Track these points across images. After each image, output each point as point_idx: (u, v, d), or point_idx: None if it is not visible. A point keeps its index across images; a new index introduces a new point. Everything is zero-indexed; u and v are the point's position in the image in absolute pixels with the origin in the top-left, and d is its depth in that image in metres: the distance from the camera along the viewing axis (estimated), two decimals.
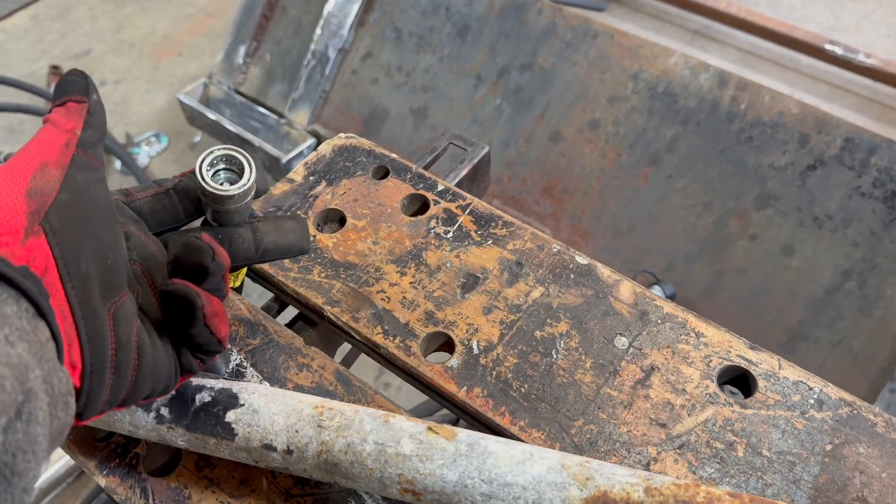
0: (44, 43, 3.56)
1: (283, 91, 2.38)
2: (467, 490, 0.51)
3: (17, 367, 0.38)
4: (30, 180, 0.46)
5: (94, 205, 0.49)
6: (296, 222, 0.62)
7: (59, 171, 0.47)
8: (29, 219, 0.44)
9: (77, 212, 0.47)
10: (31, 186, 0.45)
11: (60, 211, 0.46)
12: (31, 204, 0.45)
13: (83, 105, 0.51)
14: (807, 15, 3.26)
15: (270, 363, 0.68)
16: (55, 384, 0.41)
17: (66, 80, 0.53)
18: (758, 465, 0.58)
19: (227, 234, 0.58)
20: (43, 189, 0.46)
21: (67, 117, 0.50)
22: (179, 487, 0.61)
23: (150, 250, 0.54)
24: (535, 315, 0.69)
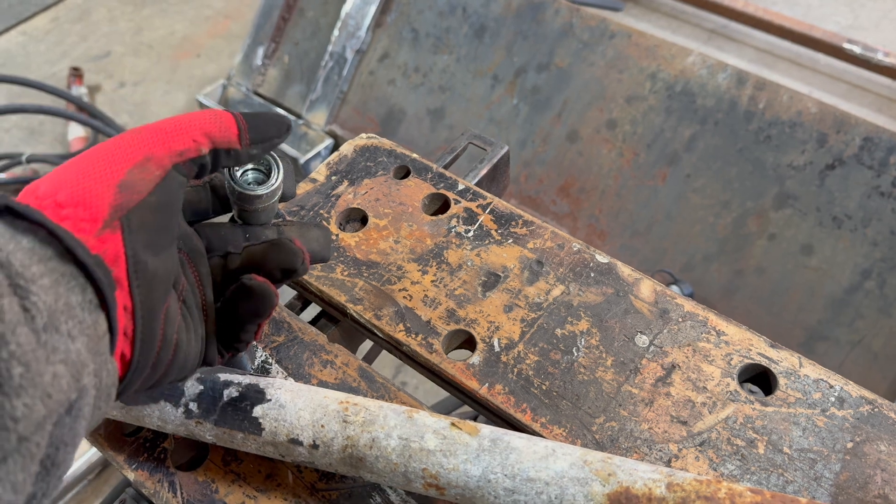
0: (64, 45, 3.60)
1: (301, 92, 2.40)
2: (490, 485, 0.52)
3: (74, 364, 0.39)
4: (127, 172, 0.46)
5: (173, 211, 0.49)
6: (320, 231, 0.62)
7: (159, 172, 0.48)
8: (111, 211, 0.44)
9: (159, 215, 0.47)
10: (126, 179, 0.46)
11: (144, 210, 0.46)
12: (118, 197, 0.45)
13: (234, 141, 0.52)
14: (825, 14, 3.24)
15: (295, 360, 0.69)
16: (104, 377, 0.42)
17: (268, 119, 0.54)
18: (779, 462, 0.59)
19: (255, 235, 0.59)
20: (136, 185, 0.46)
21: (210, 130, 0.51)
22: (207, 481, 0.62)
23: (194, 241, 0.55)
24: (555, 313, 0.70)
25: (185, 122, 0.51)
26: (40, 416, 0.36)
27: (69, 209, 0.43)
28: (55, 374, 0.37)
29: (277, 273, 0.55)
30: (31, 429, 0.35)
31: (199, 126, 0.51)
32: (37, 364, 0.36)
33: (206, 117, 0.52)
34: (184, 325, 0.51)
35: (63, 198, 0.44)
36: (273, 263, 0.55)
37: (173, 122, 0.50)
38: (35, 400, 0.35)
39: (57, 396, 0.37)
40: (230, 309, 0.54)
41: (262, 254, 0.55)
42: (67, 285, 0.41)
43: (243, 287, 0.53)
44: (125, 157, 0.47)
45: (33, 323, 0.37)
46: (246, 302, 0.54)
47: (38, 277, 0.38)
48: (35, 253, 0.40)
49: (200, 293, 0.55)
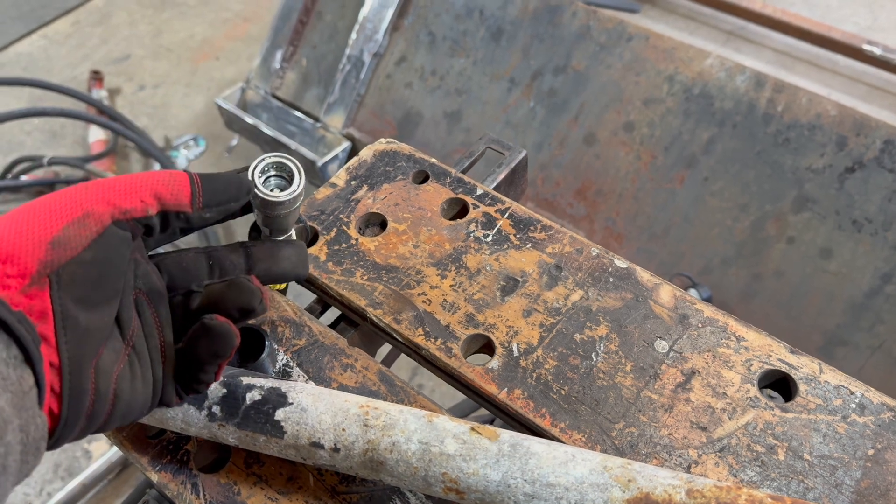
0: (85, 48, 3.64)
1: (319, 95, 2.41)
2: (510, 490, 0.52)
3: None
4: (62, 228, 0.46)
5: (110, 267, 0.49)
6: (293, 248, 0.61)
7: (97, 228, 0.48)
8: (40, 268, 0.45)
9: (94, 271, 0.48)
10: (60, 236, 0.46)
11: (77, 266, 0.47)
12: (49, 254, 0.45)
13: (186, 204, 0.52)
14: (844, 15, 3.22)
15: (316, 363, 0.70)
16: (31, 431, 0.42)
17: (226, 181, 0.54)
18: (799, 468, 0.58)
19: (219, 262, 0.58)
20: (70, 242, 0.46)
21: (159, 192, 0.51)
22: (229, 484, 0.63)
23: (153, 281, 0.54)
24: (574, 318, 0.70)
25: (135, 182, 0.51)
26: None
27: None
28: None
29: (235, 313, 0.54)
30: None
31: (150, 186, 0.51)
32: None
33: (160, 178, 0.52)
34: (128, 374, 0.51)
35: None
36: (230, 303, 0.54)
37: (124, 180, 0.51)
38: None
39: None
40: (190, 350, 0.54)
41: (219, 293, 0.54)
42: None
43: (203, 326, 0.52)
44: (63, 214, 0.47)
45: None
46: (206, 342, 0.52)
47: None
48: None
49: (159, 335, 0.54)
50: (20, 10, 3.86)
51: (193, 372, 0.54)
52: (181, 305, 0.56)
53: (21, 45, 3.70)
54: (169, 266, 0.56)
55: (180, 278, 0.56)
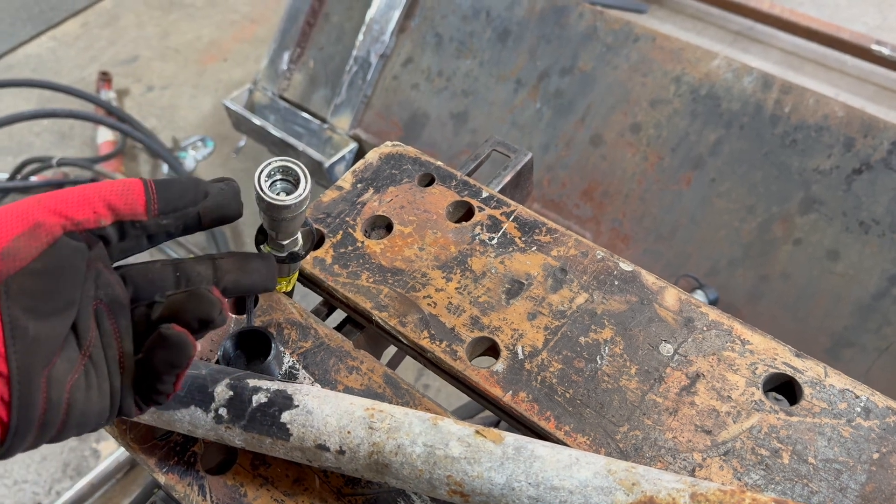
0: (93, 49, 3.65)
1: (326, 96, 2.42)
2: (514, 493, 0.52)
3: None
4: (12, 240, 0.47)
5: (64, 276, 0.49)
6: (261, 261, 0.61)
7: (47, 239, 0.48)
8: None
9: (44, 281, 0.48)
10: (9, 247, 0.46)
11: (27, 277, 0.47)
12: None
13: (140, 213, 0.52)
14: (853, 15, 3.20)
15: (321, 366, 0.70)
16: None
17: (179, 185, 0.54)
18: (803, 472, 0.59)
19: (186, 274, 0.58)
20: (18, 253, 0.47)
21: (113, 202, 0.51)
22: (236, 485, 0.63)
23: (115, 291, 0.54)
24: (579, 321, 0.70)
25: (88, 192, 0.51)
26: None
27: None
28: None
29: (195, 323, 0.53)
30: None
31: (103, 196, 0.51)
32: None
33: (112, 188, 0.52)
34: (83, 383, 0.51)
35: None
36: (190, 314, 0.53)
37: (77, 191, 0.51)
38: None
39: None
40: (148, 359, 0.53)
41: (179, 304, 0.54)
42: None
43: (160, 336, 0.52)
44: (13, 225, 0.47)
45: None
46: (162, 351, 0.52)
47: None
48: None
49: (118, 345, 0.53)
50: (29, 12, 3.88)
51: (151, 382, 0.54)
52: (144, 316, 0.56)
53: (30, 47, 3.72)
54: (134, 277, 0.56)
55: (145, 289, 0.56)
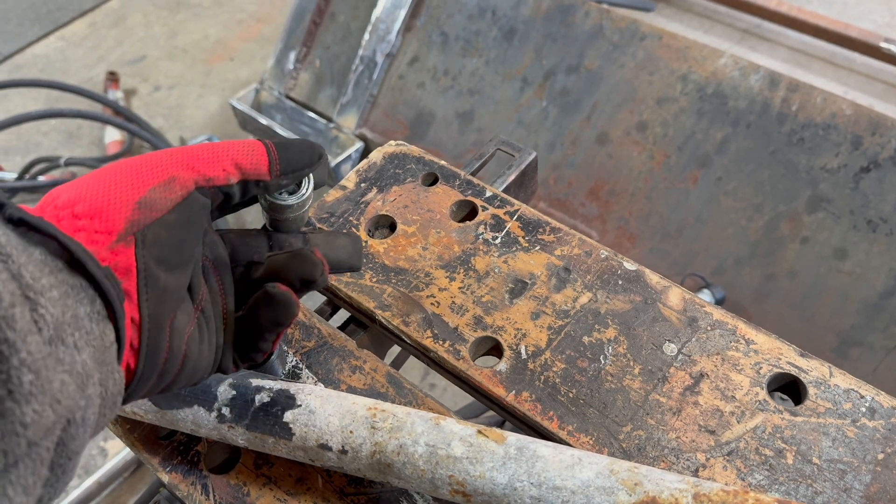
0: (101, 49, 3.67)
1: (332, 96, 2.42)
2: (517, 493, 0.52)
3: (80, 374, 0.39)
4: (149, 190, 0.48)
5: (191, 231, 0.50)
6: (349, 238, 0.62)
7: (182, 192, 0.49)
8: (127, 226, 0.46)
9: (176, 233, 0.49)
10: (147, 197, 0.47)
11: (161, 228, 0.48)
12: (136, 213, 0.46)
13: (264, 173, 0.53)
14: (861, 12, 3.19)
15: (325, 365, 0.70)
16: (109, 386, 0.43)
17: (300, 148, 0.56)
18: (808, 472, 0.58)
19: (279, 242, 0.59)
20: (156, 204, 0.48)
21: (241, 162, 0.52)
22: (239, 484, 0.63)
23: (219, 250, 0.56)
24: (582, 321, 0.70)
25: (217, 150, 0.52)
26: (49, 423, 0.36)
27: (85, 220, 0.45)
28: (63, 381, 0.38)
29: (297, 283, 0.55)
30: (40, 434, 0.36)
31: (231, 156, 0.52)
32: (46, 372, 0.37)
33: (239, 147, 0.53)
34: (196, 336, 0.52)
35: (81, 209, 0.45)
36: (293, 273, 0.55)
37: (206, 148, 0.52)
38: (45, 406, 0.36)
39: (66, 403, 0.38)
40: (251, 317, 0.55)
41: (283, 263, 0.56)
42: (76, 297, 0.41)
43: (266, 295, 0.54)
44: (150, 176, 0.48)
45: (41, 334, 0.37)
46: (268, 310, 0.54)
47: (48, 289, 0.39)
48: (46, 264, 0.41)
49: (223, 302, 0.55)
50: (37, 13, 3.90)
51: (253, 340, 0.55)
52: (242, 276, 0.57)
53: (38, 47, 3.73)
54: (233, 239, 0.58)
55: (242, 251, 0.58)
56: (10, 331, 0.35)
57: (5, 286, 0.36)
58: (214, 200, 0.53)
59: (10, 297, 0.36)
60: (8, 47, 3.72)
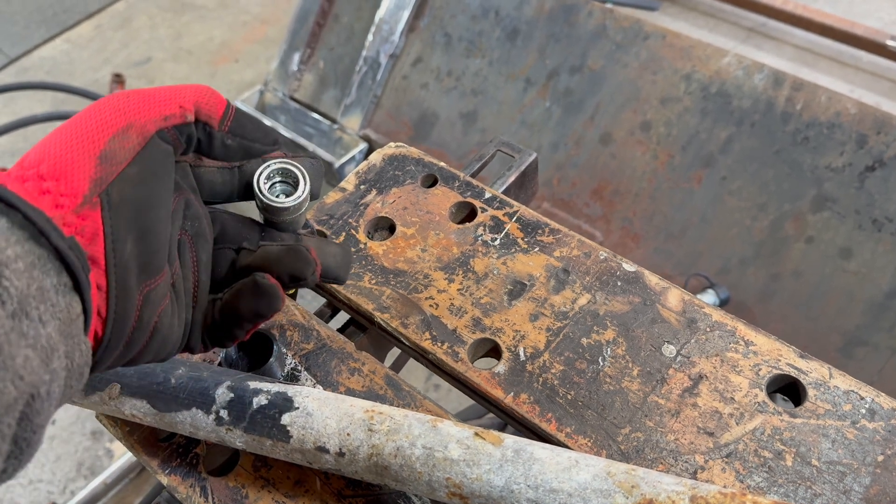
0: (106, 52, 3.68)
1: (336, 97, 2.42)
2: (514, 495, 0.52)
3: (44, 349, 0.39)
4: (107, 141, 0.45)
5: (158, 183, 0.48)
6: (339, 249, 0.61)
7: (140, 140, 0.47)
8: (91, 186, 0.44)
9: (140, 189, 0.47)
10: (106, 149, 0.45)
11: (124, 184, 0.45)
12: (98, 169, 0.44)
13: (216, 118, 0.51)
14: (868, 10, 3.17)
15: (323, 367, 0.70)
16: (76, 358, 0.42)
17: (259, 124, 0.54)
18: (807, 474, 0.58)
19: (272, 237, 0.58)
20: (116, 156, 0.45)
21: (197, 100, 0.50)
22: (237, 487, 0.63)
23: (202, 226, 0.54)
24: (581, 322, 0.70)
25: (176, 88, 0.50)
26: (11, 399, 0.36)
27: (50, 182, 0.43)
28: (26, 356, 0.37)
29: (286, 278, 0.54)
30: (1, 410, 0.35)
31: (189, 93, 0.50)
32: (9, 348, 0.36)
33: (199, 89, 0.51)
34: (169, 311, 0.50)
35: (45, 169, 0.43)
36: (285, 267, 0.54)
37: (163, 89, 0.50)
38: (6, 383, 0.35)
39: (28, 378, 0.37)
40: (232, 303, 0.54)
41: (276, 255, 0.55)
42: (43, 268, 0.40)
43: (254, 284, 0.53)
44: (107, 125, 0.46)
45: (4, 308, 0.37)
46: (252, 299, 0.53)
47: (13, 261, 0.38)
48: (13, 233, 0.40)
49: (194, 278, 0.53)
50: (43, 15, 3.92)
51: (228, 325, 0.54)
52: (230, 259, 0.56)
53: (44, 50, 3.75)
54: (225, 221, 0.57)
55: (233, 234, 0.56)
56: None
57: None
58: (176, 147, 0.50)
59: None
60: (14, 50, 3.74)
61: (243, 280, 0.54)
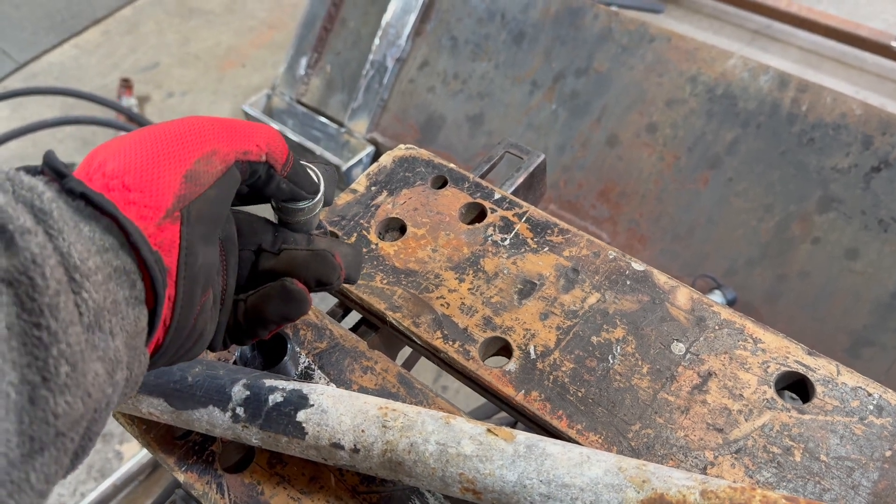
0: (114, 57, 3.70)
1: (343, 101, 2.44)
2: (526, 490, 0.53)
3: (112, 362, 0.40)
4: (194, 162, 0.47)
5: (225, 207, 0.50)
6: (351, 249, 0.62)
7: (222, 167, 0.49)
8: (175, 202, 0.45)
9: (214, 210, 0.48)
10: (193, 169, 0.46)
11: (203, 204, 0.47)
12: (184, 187, 0.46)
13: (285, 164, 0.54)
14: (873, 12, 3.17)
15: (336, 366, 0.71)
16: (135, 369, 0.43)
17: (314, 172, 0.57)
18: (815, 469, 0.59)
19: (284, 238, 0.59)
20: (200, 177, 0.47)
21: (273, 144, 0.53)
22: (253, 483, 0.64)
23: (231, 232, 0.56)
24: (591, 321, 0.71)
25: (253, 127, 0.52)
26: (78, 414, 0.37)
27: (136, 194, 0.44)
28: (96, 372, 0.38)
29: (312, 282, 0.56)
30: (68, 425, 0.36)
31: (265, 135, 0.52)
32: (82, 364, 0.37)
33: (273, 133, 0.53)
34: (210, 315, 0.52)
35: (131, 181, 0.44)
36: (312, 272, 0.56)
37: (243, 124, 0.52)
38: (76, 399, 0.36)
39: (96, 395, 0.38)
40: (259, 305, 0.55)
41: (303, 260, 0.56)
42: (118, 280, 0.41)
43: (284, 289, 0.55)
44: (194, 147, 0.47)
45: (81, 321, 0.37)
46: (280, 302, 0.55)
47: (93, 272, 0.39)
48: (94, 242, 0.40)
49: (223, 282, 0.55)
50: (52, 21, 3.95)
51: (254, 327, 0.56)
52: (249, 260, 0.57)
53: (53, 55, 3.77)
54: (241, 221, 0.58)
55: (247, 233, 0.58)
56: (53, 320, 0.35)
57: (53, 272, 0.36)
58: (244, 178, 0.52)
59: (55, 284, 0.36)
60: (23, 56, 3.77)
61: (272, 284, 0.56)
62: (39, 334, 0.35)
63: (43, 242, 0.36)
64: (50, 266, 0.36)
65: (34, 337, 0.34)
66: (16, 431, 0.33)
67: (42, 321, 0.35)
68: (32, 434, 0.34)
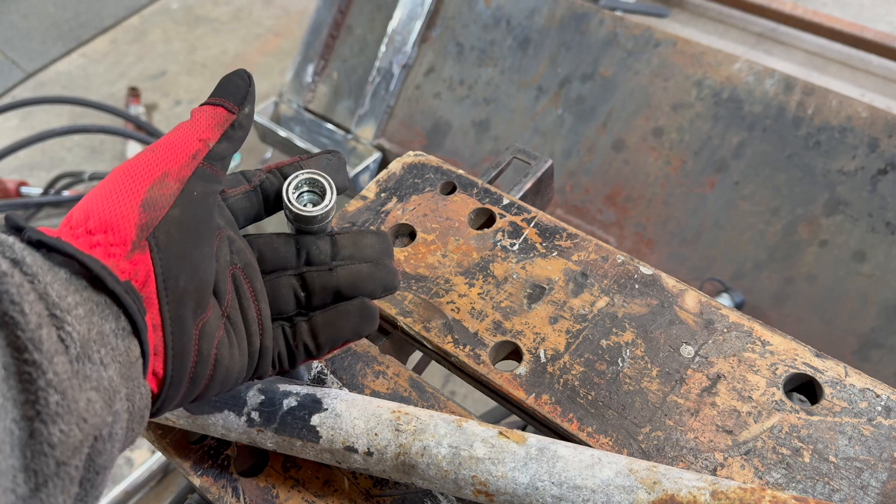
0: (122, 65, 3.73)
1: (350, 107, 2.45)
2: (538, 492, 0.54)
3: (107, 390, 0.40)
4: (147, 190, 0.48)
5: (201, 221, 0.51)
6: (376, 237, 0.62)
7: (178, 185, 0.49)
8: (138, 232, 0.46)
9: (184, 228, 0.49)
10: (147, 197, 0.47)
11: (169, 226, 0.48)
12: (143, 216, 0.47)
13: (231, 116, 0.54)
14: (878, 14, 3.18)
15: (349, 370, 0.72)
16: (136, 400, 0.44)
17: (228, 81, 0.55)
18: (824, 470, 0.59)
19: (306, 246, 0.60)
20: (157, 202, 0.48)
21: (208, 124, 0.53)
22: (268, 487, 0.65)
23: (247, 256, 0.57)
24: (600, 324, 0.71)
25: (188, 126, 0.53)
26: (76, 441, 0.37)
27: (99, 235, 0.45)
28: (89, 399, 0.38)
29: (379, 292, 0.59)
30: (68, 453, 0.36)
31: (201, 122, 0.53)
32: (72, 391, 0.37)
33: (203, 111, 0.54)
34: (226, 341, 0.52)
35: (93, 225, 0.46)
36: (379, 283, 0.59)
37: (180, 131, 0.52)
38: (71, 426, 0.37)
39: (92, 421, 0.38)
40: (333, 323, 0.57)
41: (368, 273, 0.59)
42: (101, 314, 0.42)
43: (364, 306, 0.58)
44: (143, 176, 0.48)
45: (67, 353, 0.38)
46: (360, 320, 0.58)
47: (73, 307, 0.40)
48: (71, 283, 0.42)
49: (255, 308, 0.55)
50: (59, 31, 3.98)
51: (324, 345, 0.58)
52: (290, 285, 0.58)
53: (61, 65, 3.80)
54: (261, 246, 0.59)
55: (270, 259, 0.59)
56: (37, 352, 0.36)
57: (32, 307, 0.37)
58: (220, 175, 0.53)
59: (36, 318, 0.37)
60: (31, 65, 3.80)
61: (350, 302, 0.58)
62: (28, 369, 0.36)
63: (20, 282, 0.37)
64: (28, 302, 0.37)
65: (25, 372, 0.35)
66: (21, 468, 0.34)
67: (27, 356, 0.36)
68: (34, 468, 0.35)
